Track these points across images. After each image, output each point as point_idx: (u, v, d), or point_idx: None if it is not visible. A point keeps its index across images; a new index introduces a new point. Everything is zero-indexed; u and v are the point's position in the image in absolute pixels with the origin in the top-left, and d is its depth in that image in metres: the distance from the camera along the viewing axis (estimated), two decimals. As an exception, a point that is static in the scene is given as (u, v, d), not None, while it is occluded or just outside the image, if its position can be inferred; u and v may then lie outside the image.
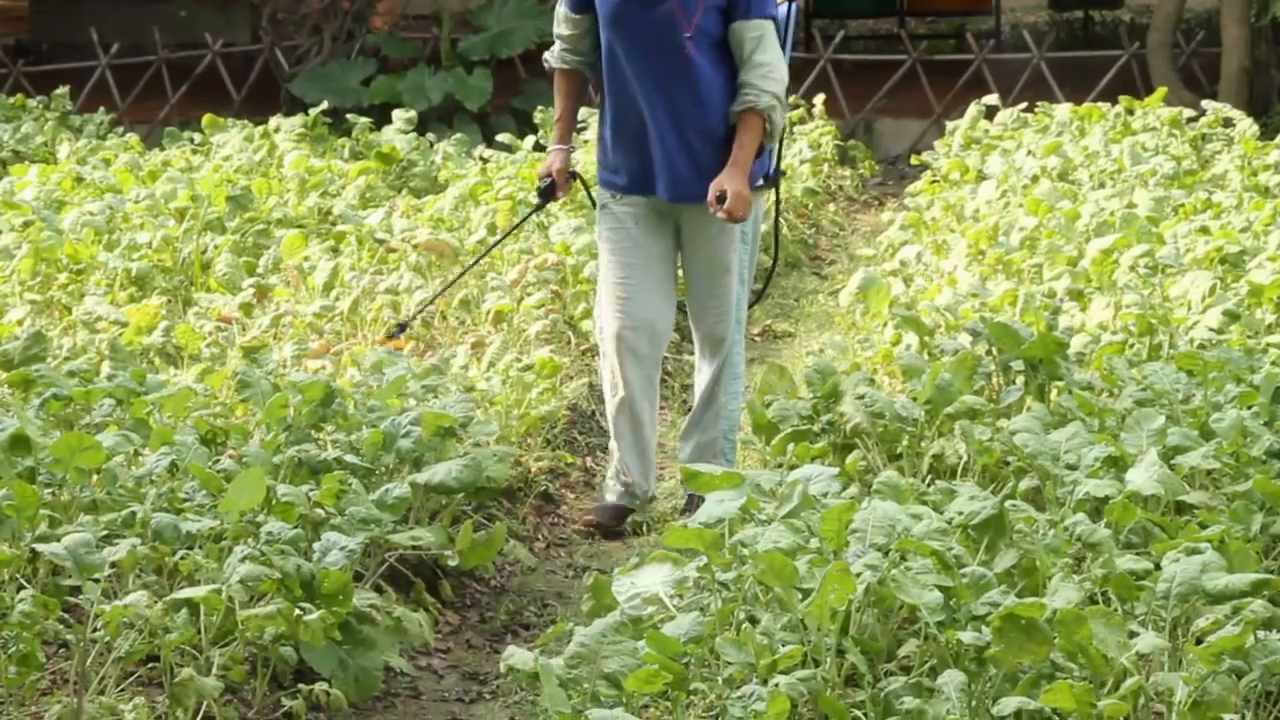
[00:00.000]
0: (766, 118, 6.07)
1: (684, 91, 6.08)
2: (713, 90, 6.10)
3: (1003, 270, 8.37)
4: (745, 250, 6.36)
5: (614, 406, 6.34)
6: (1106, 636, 4.30)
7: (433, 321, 7.97)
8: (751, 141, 6.09)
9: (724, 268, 6.25)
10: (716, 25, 6.09)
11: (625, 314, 6.24)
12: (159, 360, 7.31)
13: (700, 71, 6.07)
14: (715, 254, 6.25)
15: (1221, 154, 10.76)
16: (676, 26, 6.03)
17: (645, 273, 6.24)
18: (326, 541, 5.11)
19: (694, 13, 6.03)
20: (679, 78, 6.07)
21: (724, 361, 6.36)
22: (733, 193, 6.03)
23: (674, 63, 6.06)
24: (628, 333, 6.25)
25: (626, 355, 6.26)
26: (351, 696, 4.95)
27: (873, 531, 4.74)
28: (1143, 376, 6.19)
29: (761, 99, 6.04)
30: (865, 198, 13.16)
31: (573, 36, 6.27)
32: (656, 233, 6.26)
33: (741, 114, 6.08)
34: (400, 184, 11.16)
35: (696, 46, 6.05)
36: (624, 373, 6.26)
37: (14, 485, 5.01)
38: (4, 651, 4.52)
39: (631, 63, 6.11)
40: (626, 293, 6.24)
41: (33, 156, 12.00)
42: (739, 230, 6.24)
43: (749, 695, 4.19)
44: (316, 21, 15.69)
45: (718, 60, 6.11)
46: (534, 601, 5.94)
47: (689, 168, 6.14)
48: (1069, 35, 18.47)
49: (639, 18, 6.07)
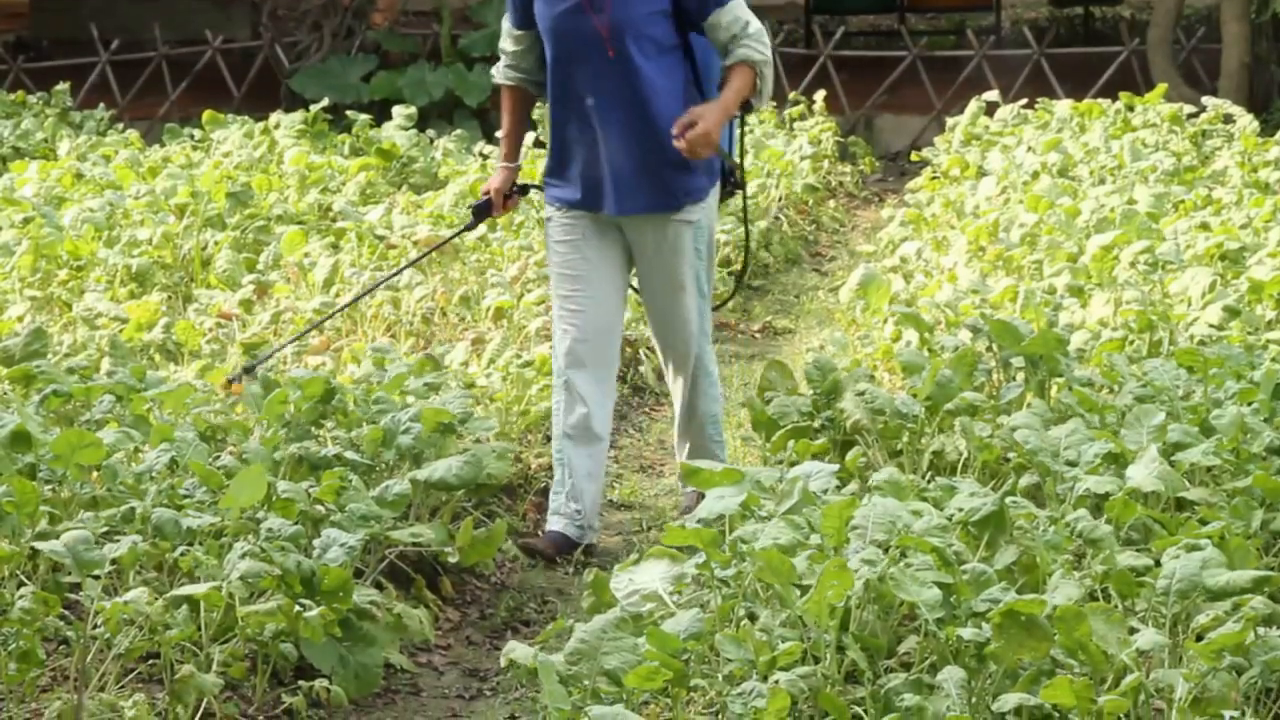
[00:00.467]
0: (759, 72, 5.88)
1: (628, 103, 5.90)
2: (661, 100, 5.91)
3: (1003, 266, 8.37)
4: (702, 265, 6.12)
5: (568, 426, 6.09)
6: (1107, 633, 4.30)
7: (432, 318, 7.98)
8: (738, 90, 5.86)
9: (679, 284, 6.06)
10: (666, 32, 5.90)
11: (576, 327, 6.08)
12: (159, 357, 7.31)
13: (646, 82, 5.88)
14: (668, 270, 6.06)
15: (1222, 150, 10.76)
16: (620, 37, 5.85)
17: (596, 286, 6.07)
18: (327, 538, 5.11)
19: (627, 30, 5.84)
20: (623, 89, 5.89)
21: (694, 373, 6.20)
22: (700, 128, 5.77)
23: (617, 74, 5.88)
24: (579, 347, 6.07)
25: (581, 370, 6.08)
26: (352, 693, 4.95)
27: (873, 528, 4.73)
28: (1143, 373, 6.19)
29: (755, 53, 5.85)
30: (865, 194, 13.16)
31: (517, 52, 6.11)
32: (605, 247, 6.08)
33: (735, 66, 5.87)
34: (400, 180, 11.17)
35: (643, 55, 5.88)
36: (580, 388, 6.07)
37: (14, 482, 5.01)
38: (4, 648, 4.52)
39: (573, 76, 5.94)
40: (578, 305, 6.08)
41: (33, 153, 12.00)
42: (692, 246, 6.04)
43: (749, 692, 4.19)
44: (316, 18, 15.70)
45: (668, 68, 5.93)
46: (534, 598, 5.94)
47: (636, 181, 5.95)
48: (1069, 31, 18.46)
49: (577, 31, 5.90)
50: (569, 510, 6.14)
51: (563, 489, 6.14)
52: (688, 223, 6.02)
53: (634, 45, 5.87)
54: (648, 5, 5.87)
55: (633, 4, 5.85)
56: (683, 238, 6.02)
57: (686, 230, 6.02)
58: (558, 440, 6.14)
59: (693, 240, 6.04)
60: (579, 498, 6.12)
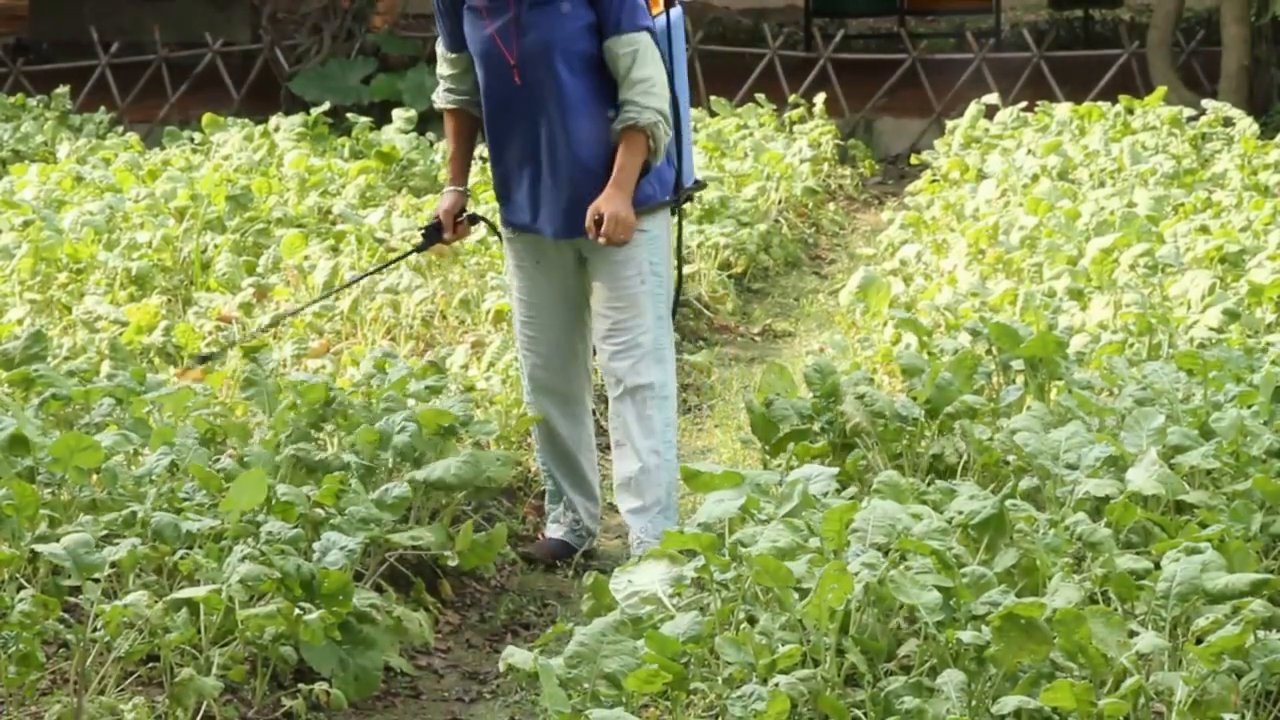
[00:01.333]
0: (650, 134, 5.67)
1: (557, 122, 5.72)
2: (590, 117, 5.72)
3: (1003, 269, 8.37)
4: (659, 282, 5.85)
5: (546, 447, 6.06)
6: (1106, 636, 4.30)
7: (432, 322, 7.98)
8: (633, 161, 5.68)
9: (631, 301, 5.80)
10: (592, 44, 5.71)
11: (534, 353, 5.99)
12: (159, 360, 7.31)
13: (572, 100, 5.70)
14: (621, 286, 5.81)
15: (1221, 153, 10.76)
16: (536, 62, 5.70)
17: (550, 311, 5.92)
18: (326, 541, 5.11)
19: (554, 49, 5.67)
20: (551, 108, 5.72)
21: (641, 407, 5.85)
22: (609, 215, 5.63)
23: (544, 92, 5.71)
24: (540, 372, 5.99)
25: (545, 395, 6.01)
26: (351, 696, 4.95)
27: (873, 531, 4.74)
28: (1143, 376, 6.19)
29: (643, 115, 5.65)
30: (865, 197, 13.16)
31: (453, 75, 5.94)
32: (557, 269, 5.90)
33: (623, 132, 5.68)
34: (400, 183, 11.16)
35: (570, 70, 5.70)
36: (549, 412, 6.01)
37: (14, 485, 5.01)
38: (4, 651, 4.52)
39: (500, 102, 5.78)
40: (533, 331, 5.97)
41: (32, 156, 12.00)
42: (645, 261, 5.80)
43: (749, 695, 4.19)
44: (316, 20, 15.70)
45: (597, 85, 5.73)
46: (534, 601, 5.94)
47: (571, 201, 5.75)
48: (1069, 34, 18.46)
49: (494, 58, 5.75)
50: (566, 519, 6.14)
51: (557, 501, 6.15)
52: (640, 231, 5.77)
53: (563, 64, 5.69)
54: (575, 20, 5.70)
55: (555, 25, 5.69)
56: (635, 247, 5.77)
57: (640, 239, 5.77)
58: (540, 456, 6.14)
59: (647, 253, 5.80)
60: (573, 508, 6.12)
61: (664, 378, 5.89)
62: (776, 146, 11.88)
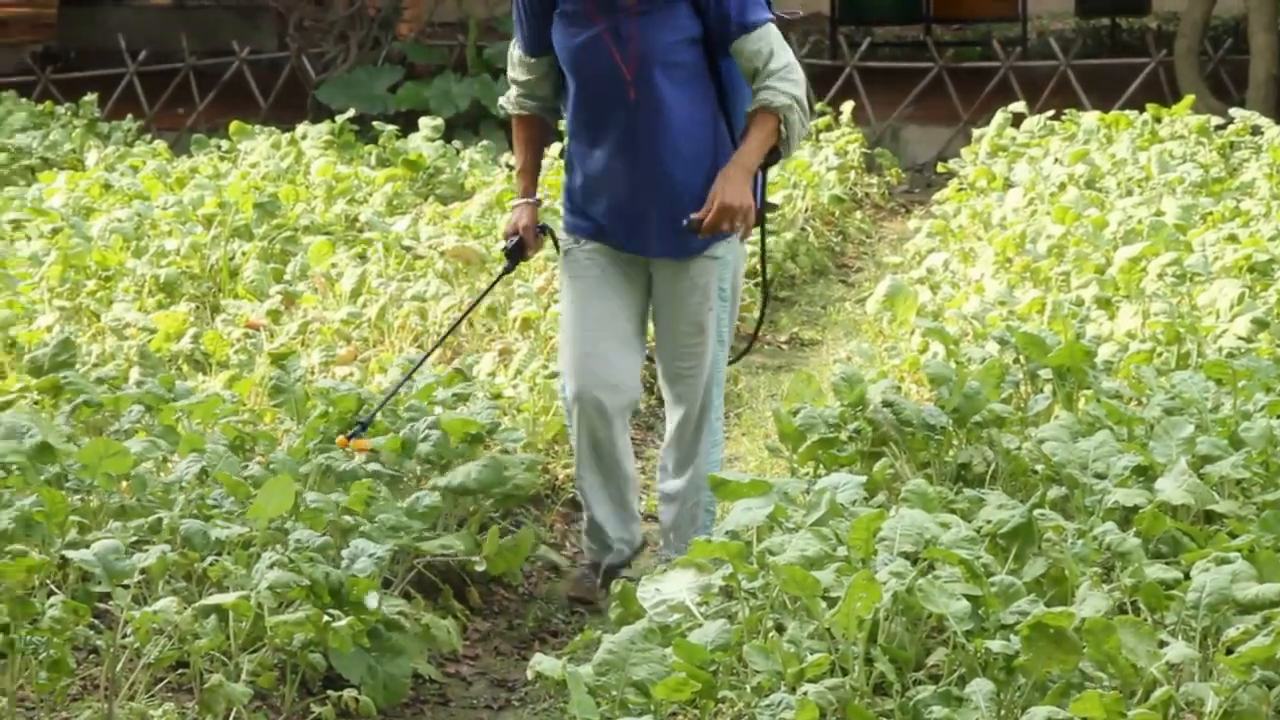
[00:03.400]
0: (783, 118, 5.42)
1: (653, 143, 5.49)
2: (690, 132, 5.51)
3: (1030, 278, 8.35)
4: (725, 307, 5.69)
5: (586, 467, 5.74)
6: (1136, 646, 4.29)
7: (460, 329, 7.99)
8: (760, 141, 5.43)
9: (698, 327, 5.64)
10: (693, 56, 5.49)
11: (588, 371, 5.62)
12: (187, 367, 7.33)
13: (673, 119, 5.48)
14: (688, 312, 5.63)
15: (1250, 161, 10.74)
16: (646, 72, 5.45)
17: (610, 326, 5.64)
18: (355, 548, 5.12)
19: (655, 60, 5.44)
20: (647, 129, 5.49)
21: (699, 426, 5.74)
22: (724, 200, 5.38)
23: (642, 114, 5.48)
24: (591, 392, 5.62)
25: (594, 415, 5.65)
26: (380, 703, 4.95)
27: (901, 540, 4.73)
28: (1171, 385, 6.18)
29: (777, 98, 5.40)
30: (892, 205, 13.15)
31: (530, 81, 5.70)
32: (624, 283, 5.67)
33: (753, 115, 5.44)
34: (427, 191, 11.18)
35: (672, 84, 5.46)
36: (594, 433, 5.66)
37: (43, 492, 5.03)
38: (35, 657, 4.53)
39: (597, 112, 5.53)
40: (589, 348, 5.63)
41: (61, 163, 12.04)
42: (716, 285, 5.62)
43: (777, 703, 4.19)
44: (343, 28, 15.75)
45: (698, 98, 5.52)
46: (562, 608, 5.94)
47: (661, 223, 5.54)
48: (1096, 42, 18.45)
49: (600, 66, 5.49)
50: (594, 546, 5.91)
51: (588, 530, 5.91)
52: (713, 258, 5.62)
53: (661, 75, 5.47)
54: (676, 32, 5.47)
55: (660, 31, 5.46)
56: (707, 274, 5.63)
57: (712, 266, 5.62)
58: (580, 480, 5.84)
59: (717, 279, 5.64)
60: (603, 534, 5.86)
61: (718, 400, 5.79)
62: (803, 154, 11.87)
